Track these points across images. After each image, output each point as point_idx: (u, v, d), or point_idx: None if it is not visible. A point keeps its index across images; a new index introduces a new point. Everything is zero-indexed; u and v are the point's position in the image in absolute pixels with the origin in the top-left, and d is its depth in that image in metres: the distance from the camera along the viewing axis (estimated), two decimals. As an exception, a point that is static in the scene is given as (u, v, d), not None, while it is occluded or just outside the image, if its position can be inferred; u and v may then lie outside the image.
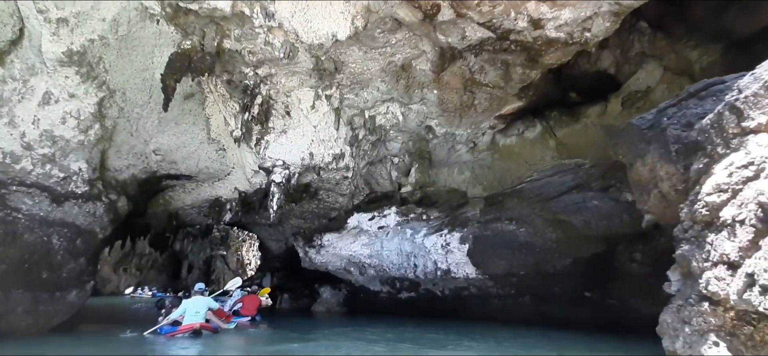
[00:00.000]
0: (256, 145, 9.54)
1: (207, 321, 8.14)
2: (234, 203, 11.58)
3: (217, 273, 43.59)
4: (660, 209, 4.60)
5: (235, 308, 11.36)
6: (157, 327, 8.34)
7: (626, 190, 6.51)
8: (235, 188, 11.23)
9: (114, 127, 8.59)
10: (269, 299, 15.33)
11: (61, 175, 7.99)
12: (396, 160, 13.73)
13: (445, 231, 10.34)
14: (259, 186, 10.81)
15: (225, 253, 44.92)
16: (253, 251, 49.79)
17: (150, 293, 35.49)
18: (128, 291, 36.96)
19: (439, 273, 10.94)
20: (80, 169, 8.32)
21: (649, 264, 6.69)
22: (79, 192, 8.30)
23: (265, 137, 9.53)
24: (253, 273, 23.73)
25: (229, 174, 10.83)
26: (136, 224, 13.88)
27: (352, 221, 10.75)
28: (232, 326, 9.44)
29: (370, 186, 14.71)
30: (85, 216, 8.36)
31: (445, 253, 10.48)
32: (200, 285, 9.29)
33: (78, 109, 7.85)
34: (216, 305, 8.94)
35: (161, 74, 7.71)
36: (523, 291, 10.38)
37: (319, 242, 11.15)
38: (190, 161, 10.15)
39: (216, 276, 42.99)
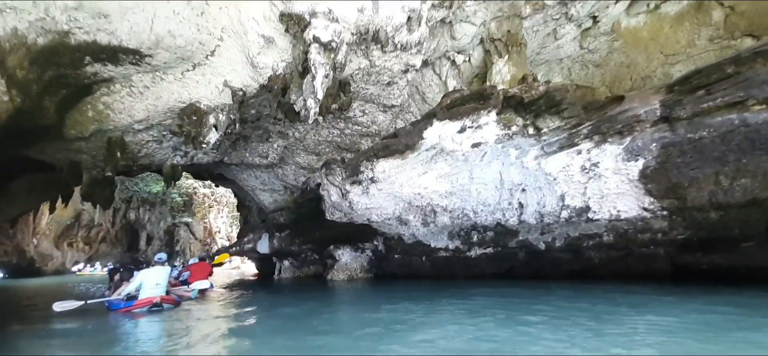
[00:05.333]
0: (272, -28, 4.78)
1: (167, 293, 6.87)
2: (222, 115, 6.76)
3: (181, 242, 38.49)
4: None
5: (183, 277, 9.85)
6: (103, 299, 7.11)
7: None
8: (225, 84, 6.42)
9: None
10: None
11: None
12: (460, 58, 9.30)
13: (588, 145, 6.27)
14: (272, 72, 6.06)
15: (189, 221, 39.67)
16: (222, 217, 44.69)
17: (104, 268, 31.21)
18: (76, 267, 32.06)
19: (566, 212, 6.95)
20: None
21: None
22: None
23: (291, -43, 4.78)
24: (238, 239, 18.97)
25: (213, 53, 5.98)
26: (58, 163, 8.74)
27: (431, 134, 6.42)
28: (194, 296, 8.15)
29: (414, 102, 10.27)
30: None
31: (588, 179, 6.46)
32: (161, 255, 7.46)
33: None
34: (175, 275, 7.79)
35: None
36: (699, 233, 6.69)
37: (371, 176, 6.76)
38: (136, 20, 5.21)
39: (181, 246, 37.99)
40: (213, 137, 6.78)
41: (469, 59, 9.36)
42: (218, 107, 6.74)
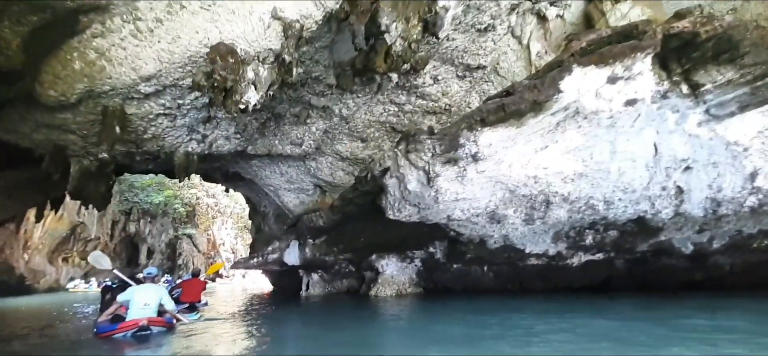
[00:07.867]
0: None
1: (159, 314, 5.80)
2: (264, 68, 4.71)
3: (184, 256, 36.42)
4: None
5: (175, 295, 8.68)
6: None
7: None
8: (274, 15, 4.39)
9: None
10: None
11: None
12: (552, 12, 7.32)
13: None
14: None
15: (192, 232, 37.70)
16: (226, 228, 42.67)
17: (100, 285, 28.86)
18: (71, 284, 29.87)
19: (754, 198, 4.89)
20: None
21: None
22: None
23: None
24: (252, 249, 16.74)
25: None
26: (38, 147, 6.63)
27: (569, 87, 4.39)
28: (195, 317, 7.06)
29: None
30: None
31: (807, 147, 4.42)
32: (151, 270, 6.43)
33: None
34: (172, 304, 6.16)
35: None
36: None
37: (473, 151, 4.73)
38: None
39: (183, 260, 35.98)
40: (252, 96, 4.72)
41: (563, 14, 7.39)
42: (260, 54, 4.69)
